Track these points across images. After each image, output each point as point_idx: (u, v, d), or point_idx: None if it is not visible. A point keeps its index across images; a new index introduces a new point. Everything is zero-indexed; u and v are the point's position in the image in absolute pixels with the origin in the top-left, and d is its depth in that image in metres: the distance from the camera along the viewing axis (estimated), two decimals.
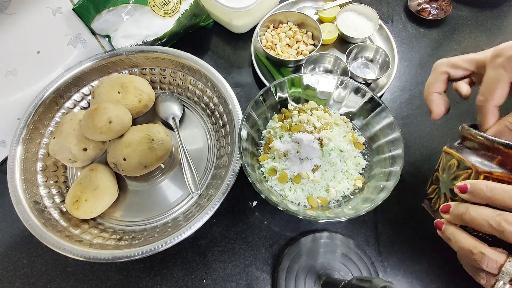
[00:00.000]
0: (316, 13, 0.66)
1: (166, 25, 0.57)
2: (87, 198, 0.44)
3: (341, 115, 0.50)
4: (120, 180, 0.51)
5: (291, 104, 0.50)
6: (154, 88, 0.57)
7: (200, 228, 0.41)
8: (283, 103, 0.50)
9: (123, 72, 0.56)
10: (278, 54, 0.60)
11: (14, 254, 0.48)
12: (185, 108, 0.57)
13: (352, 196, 0.44)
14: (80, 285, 0.45)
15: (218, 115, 0.53)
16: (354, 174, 0.46)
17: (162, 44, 0.58)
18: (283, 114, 0.50)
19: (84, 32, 0.55)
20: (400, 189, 0.51)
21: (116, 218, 0.49)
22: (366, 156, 0.47)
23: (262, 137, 0.49)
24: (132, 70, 0.57)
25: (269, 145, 0.47)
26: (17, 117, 0.51)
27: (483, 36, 0.65)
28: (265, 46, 0.60)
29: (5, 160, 0.47)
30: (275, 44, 0.61)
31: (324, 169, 0.45)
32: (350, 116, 0.50)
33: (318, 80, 0.47)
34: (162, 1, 0.56)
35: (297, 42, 0.61)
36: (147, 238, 0.43)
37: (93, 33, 0.56)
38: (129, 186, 0.51)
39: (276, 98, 0.48)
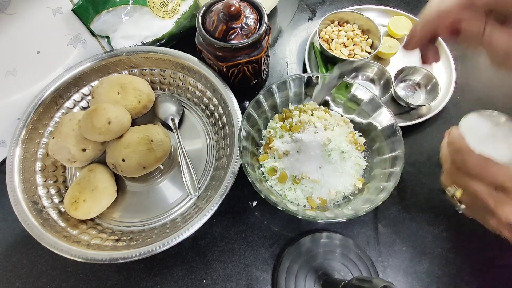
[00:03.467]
0: (383, 25, 0.64)
1: (165, 26, 0.57)
2: (86, 199, 0.44)
3: (342, 115, 0.50)
4: (119, 181, 0.51)
5: (291, 104, 0.50)
6: (154, 88, 0.57)
7: (200, 228, 0.41)
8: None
9: (123, 73, 0.56)
10: (330, 49, 0.60)
11: (14, 254, 0.48)
12: (184, 109, 0.57)
13: (352, 197, 0.44)
14: (80, 285, 0.45)
15: (217, 116, 0.53)
16: (354, 175, 0.45)
17: (162, 45, 0.58)
18: (284, 114, 0.50)
19: (84, 32, 0.55)
20: (400, 189, 0.51)
21: (114, 219, 0.49)
22: (366, 157, 0.47)
23: (262, 136, 0.49)
24: (132, 71, 0.56)
25: (269, 145, 0.47)
26: (17, 117, 0.51)
27: None
28: (322, 38, 0.61)
29: (5, 160, 0.47)
30: (332, 39, 0.61)
31: (324, 170, 0.44)
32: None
33: (356, 88, 0.47)
34: (162, 2, 0.55)
35: (354, 44, 0.60)
36: (145, 239, 0.43)
37: (93, 34, 0.56)
38: (128, 186, 0.51)
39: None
